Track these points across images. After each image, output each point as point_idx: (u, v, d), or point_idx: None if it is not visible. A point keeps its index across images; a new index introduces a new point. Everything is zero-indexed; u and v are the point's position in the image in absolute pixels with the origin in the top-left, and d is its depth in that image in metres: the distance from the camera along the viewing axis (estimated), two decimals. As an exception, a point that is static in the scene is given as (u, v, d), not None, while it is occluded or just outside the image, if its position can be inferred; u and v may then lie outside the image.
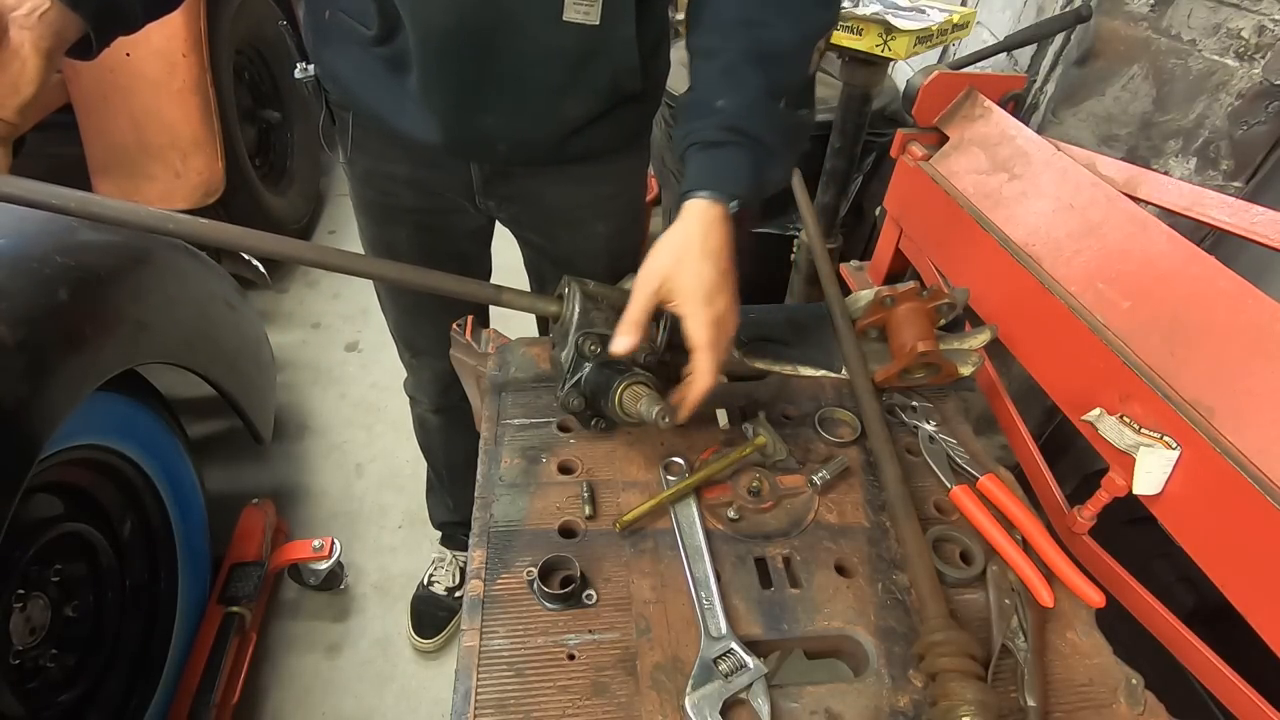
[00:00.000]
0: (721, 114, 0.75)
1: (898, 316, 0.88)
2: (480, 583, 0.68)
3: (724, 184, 0.74)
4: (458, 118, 0.88)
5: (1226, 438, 0.69)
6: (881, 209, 1.31)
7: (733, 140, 0.75)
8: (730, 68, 0.76)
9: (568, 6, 0.79)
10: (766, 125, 0.76)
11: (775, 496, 0.77)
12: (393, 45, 0.84)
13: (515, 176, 1.01)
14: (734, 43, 0.77)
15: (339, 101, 0.99)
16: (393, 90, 0.88)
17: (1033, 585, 0.69)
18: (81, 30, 0.70)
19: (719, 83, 0.77)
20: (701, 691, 0.60)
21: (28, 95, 0.66)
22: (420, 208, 1.05)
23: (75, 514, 1.20)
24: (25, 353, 0.92)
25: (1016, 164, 1.03)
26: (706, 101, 0.76)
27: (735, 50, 0.76)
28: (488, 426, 0.84)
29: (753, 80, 0.75)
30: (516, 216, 1.08)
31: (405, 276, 0.80)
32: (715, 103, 0.75)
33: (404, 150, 0.98)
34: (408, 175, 1.02)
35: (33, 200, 0.68)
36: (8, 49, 0.64)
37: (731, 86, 0.76)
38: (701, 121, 0.76)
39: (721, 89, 0.76)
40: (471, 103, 0.87)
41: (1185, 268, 0.79)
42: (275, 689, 1.55)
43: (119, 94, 1.89)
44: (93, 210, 0.69)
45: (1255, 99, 1.13)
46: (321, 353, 2.39)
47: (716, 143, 0.75)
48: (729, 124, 0.74)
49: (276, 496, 1.83)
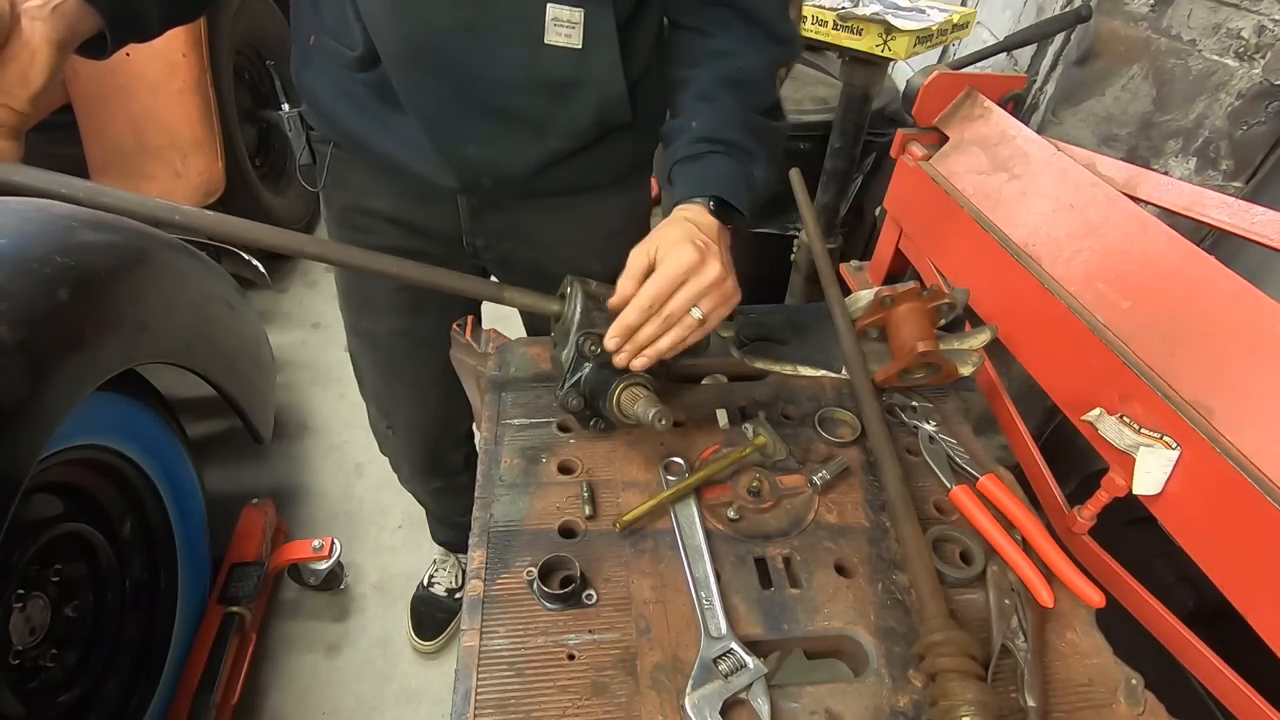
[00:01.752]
0: (695, 130, 0.81)
1: (898, 316, 0.88)
2: (480, 583, 0.68)
3: (707, 186, 0.79)
4: (441, 146, 0.85)
5: (1226, 438, 0.69)
6: (881, 209, 1.31)
7: (708, 150, 0.80)
8: (702, 93, 0.83)
9: (548, 29, 0.77)
10: (739, 131, 0.81)
11: (775, 496, 0.77)
12: (377, 71, 0.82)
13: (504, 208, 0.97)
14: (705, 71, 0.84)
15: (320, 136, 0.97)
16: (379, 115, 0.86)
17: (1033, 585, 0.69)
18: (95, 27, 0.70)
19: (693, 107, 0.83)
20: (701, 691, 0.60)
21: (38, 86, 0.66)
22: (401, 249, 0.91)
23: (75, 514, 1.20)
24: (25, 353, 0.92)
25: (1016, 164, 1.03)
26: (683, 125, 0.83)
27: (706, 78, 0.83)
28: (488, 426, 0.84)
29: (723, 99, 0.82)
30: (506, 257, 1.03)
31: (407, 272, 0.79)
32: (690, 124, 0.82)
33: (388, 183, 0.95)
34: (390, 211, 0.98)
35: (43, 189, 0.68)
36: (19, 39, 0.64)
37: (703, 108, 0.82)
38: (679, 141, 0.82)
39: (695, 111, 0.83)
40: (452, 132, 0.84)
41: (1185, 268, 0.79)
42: (275, 689, 1.55)
43: (119, 94, 1.89)
44: (101, 200, 0.70)
45: (1255, 99, 1.13)
46: (321, 353, 2.40)
47: (694, 155, 0.80)
48: (702, 136, 0.80)
49: (276, 496, 1.83)
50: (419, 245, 0.99)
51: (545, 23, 0.77)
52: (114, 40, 0.72)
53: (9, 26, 0.63)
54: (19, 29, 0.64)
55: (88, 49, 0.72)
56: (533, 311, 0.83)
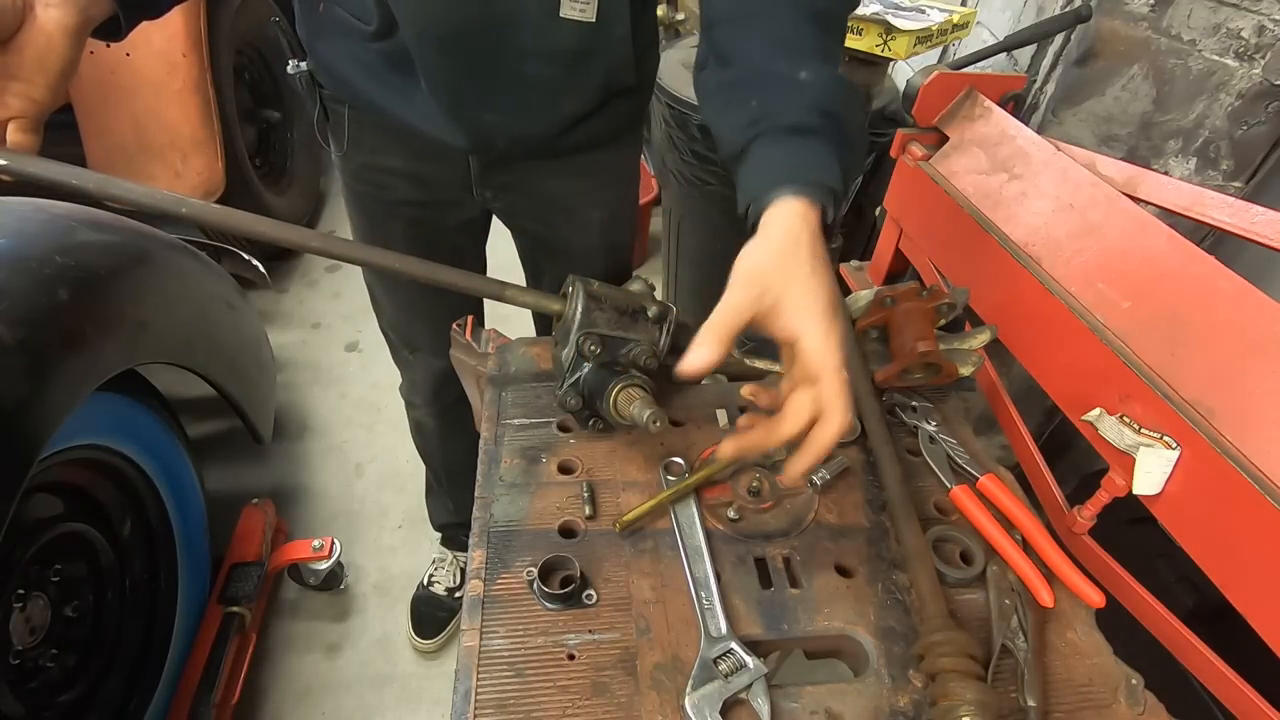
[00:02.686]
0: (808, 90, 0.60)
1: (898, 316, 0.88)
2: (480, 583, 0.68)
3: (823, 176, 0.59)
4: (459, 114, 0.88)
5: (1226, 438, 0.68)
6: (881, 209, 1.31)
7: (824, 126, 0.60)
8: (792, 33, 0.62)
9: (564, 3, 0.79)
10: (851, 105, 0.63)
11: (775, 496, 0.77)
12: (392, 40, 0.84)
13: (513, 167, 1.02)
14: (784, 3, 0.63)
15: (334, 96, 0.99)
16: (394, 85, 0.89)
17: (1033, 585, 0.69)
18: (109, 10, 0.69)
19: (786, 50, 0.62)
20: (701, 691, 0.60)
21: (55, 73, 0.65)
22: (415, 200, 1.06)
23: (75, 514, 1.20)
24: (25, 353, 0.92)
25: (1016, 164, 1.03)
26: (779, 74, 0.61)
27: (790, 11, 0.63)
28: (488, 426, 0.84)
29: (826, 45, 0.63)
30: (512, 206, 1.08)
31: (410, 269, 0.79)
32: (796, 74, 0.60)
33: (401, 143, 0.99)
34: (404, 168, 1.02)
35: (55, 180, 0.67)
36: (34, 26, 0.63)
37: (806, 55, 0.61)
38: (782, 99, 0.60)
39: (794, 58, 0.61)
40: (472, 101, 0.87)
41: (1185, 268, 0.78)
42: (275, 689, 1.55)
43: (119, 94, 1.89)
44: (110, 192, 0.70)
45: (1255, 99, 1.13)
46: (321, 353, 2.39)
47: (806, 128, 0.60)
48: (819, 105, 0.60)
49: (276, 496, 1.83)
50: (431, 196, 1.05)
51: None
52: (127, 21, 0.71)
53: (21, 13, 0.63)
54: (32, 15, 0.63)
55: (102, 32, 0.71)
56: (535, 311, 0.84)
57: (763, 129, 0.60)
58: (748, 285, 0.55)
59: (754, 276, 0.56)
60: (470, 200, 1.06)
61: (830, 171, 0.59)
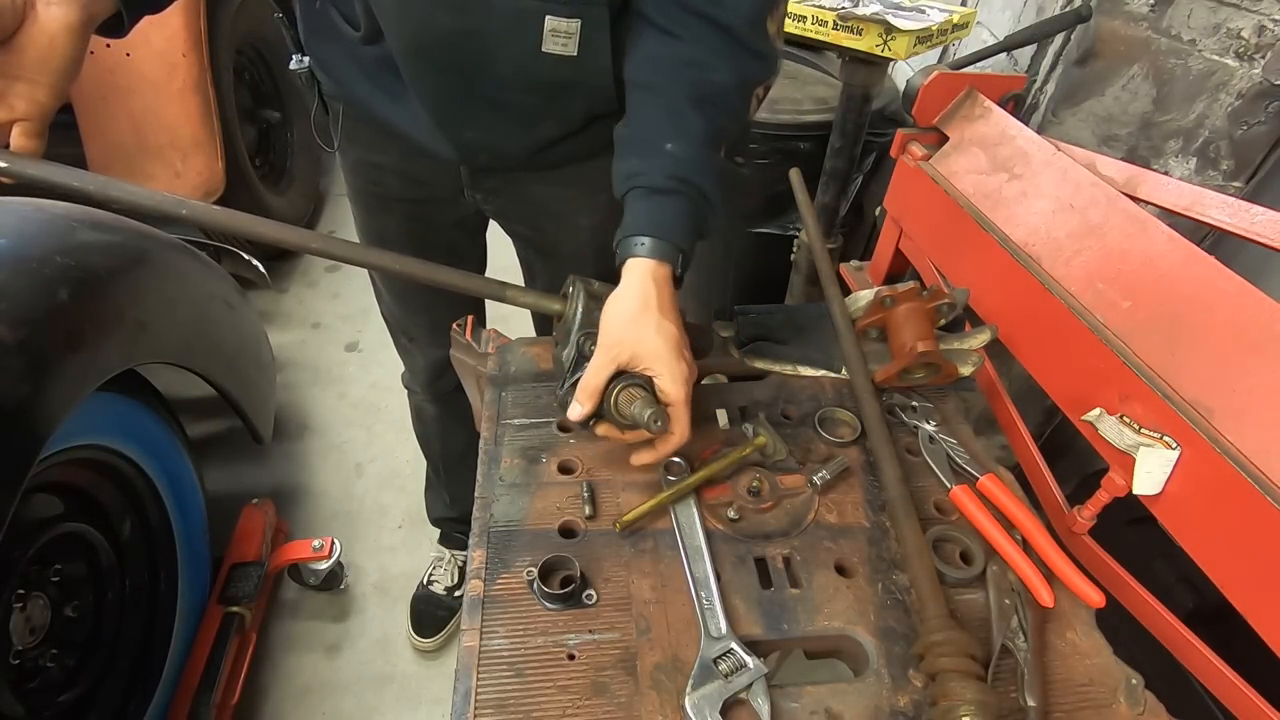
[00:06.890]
0: (669, 159, 0.74)
1: (898, 316, 0.88)
2: (480, 583, 0.68)
3: (671, 234, 0.74)
4: (444, 126, 0.89)
5: (1226, 438, 0.68)
6: (881, 209, 1.31)
7: (680, 190, 0.74)
8: (674, 109, 0.75)
9: (546, 38, 0.78)
10: (709, 176, 0.75)
11: (775, 496, 0.77)
12: (381, 46, 0.84)
13: (500, 174, 1.02)
14: (676, 83, 0.76)
15: (331, 93, 0.99)
16: (387, 87, 0.89)
17: (1033, 585, 0.69)
18: (111, 7, 0.69)
19: (664, 123, 0.76)
20: (701, 691, 0.60)
21: (58, 72, 0.65)
22: (410, 197, 1.06)
23: (75, 514, 1.20)
24: (25, 353, 0.92)
25: (1016, 164, 1.03)
26: (653, 141, 0.75)
27: (678, 91, 0.76)
28: (488, 426, 0.84)
29: (697, 125, 0.75)
30: (503, 209, 1.09)
31: (410, 270, 0.80)
32: (664, 145, 0.75)
33: (394, 143, 0.99)
34: (398, 166, 1.03)
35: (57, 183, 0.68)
36: (36, 25, 0.63)
37: (677, 130, 0.75)
38: (648, 163, 0.75)
39: (667, 131, 0.75)
40: (453, 117, 0.88)
41: (1185, 268, 0.78)
42: (275, 689, 1.55)
43: (119, 94, 1.89)
44: (111, 194, 0.70)
45: (1255, 99, 1.13)
46: (321, 353, 2.39)
47: (664, 190, 0.74)
48: (677, 172, 0.74)
49: (276, 496, 1.83)
50: (425, 194, 1.06)
51: (543, 33, 0.78)
52: (130, 16, 0.71)
53: (21, 12, 0.63)
54: (34, 14, 0.63)
55: (104, 29, 0.71)
56: (535, 310, 0.84)
57: (635, 184, 0.76)
58: (608, 348, 0.72)
59: (611, 339, 0.72)
60: (464, 200, 1.07)
61: (679, 228, 0.74)
